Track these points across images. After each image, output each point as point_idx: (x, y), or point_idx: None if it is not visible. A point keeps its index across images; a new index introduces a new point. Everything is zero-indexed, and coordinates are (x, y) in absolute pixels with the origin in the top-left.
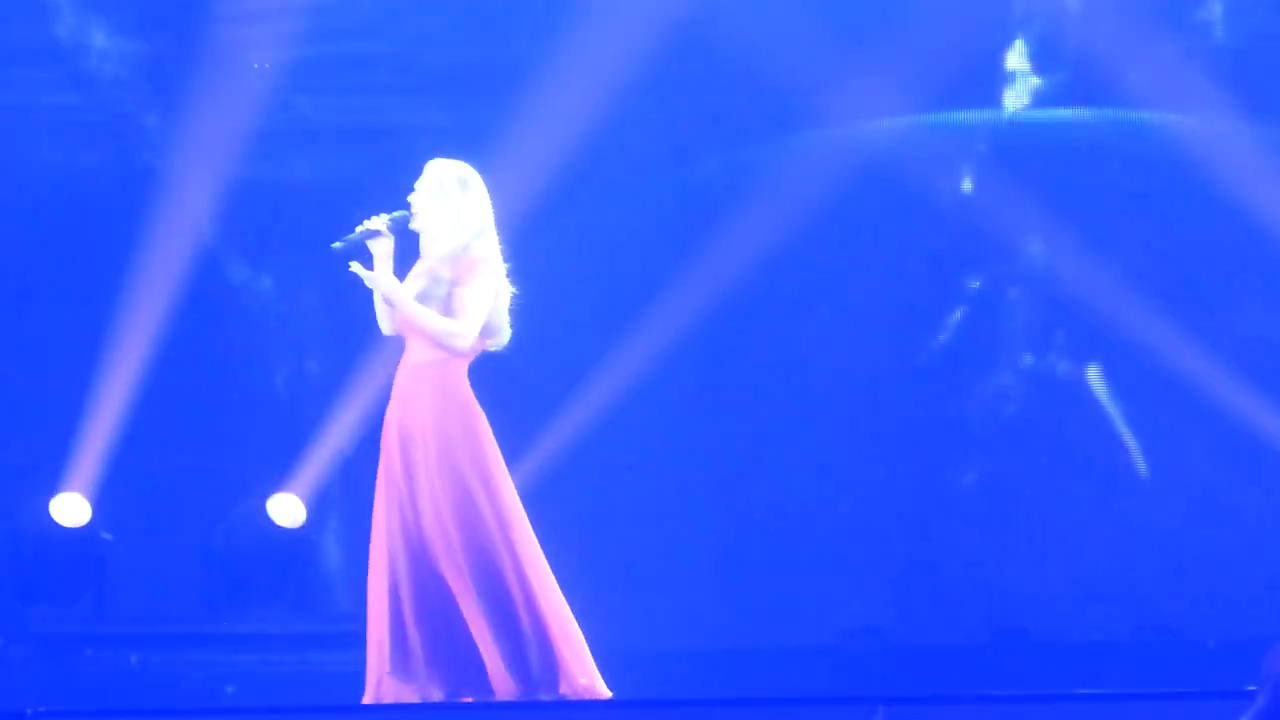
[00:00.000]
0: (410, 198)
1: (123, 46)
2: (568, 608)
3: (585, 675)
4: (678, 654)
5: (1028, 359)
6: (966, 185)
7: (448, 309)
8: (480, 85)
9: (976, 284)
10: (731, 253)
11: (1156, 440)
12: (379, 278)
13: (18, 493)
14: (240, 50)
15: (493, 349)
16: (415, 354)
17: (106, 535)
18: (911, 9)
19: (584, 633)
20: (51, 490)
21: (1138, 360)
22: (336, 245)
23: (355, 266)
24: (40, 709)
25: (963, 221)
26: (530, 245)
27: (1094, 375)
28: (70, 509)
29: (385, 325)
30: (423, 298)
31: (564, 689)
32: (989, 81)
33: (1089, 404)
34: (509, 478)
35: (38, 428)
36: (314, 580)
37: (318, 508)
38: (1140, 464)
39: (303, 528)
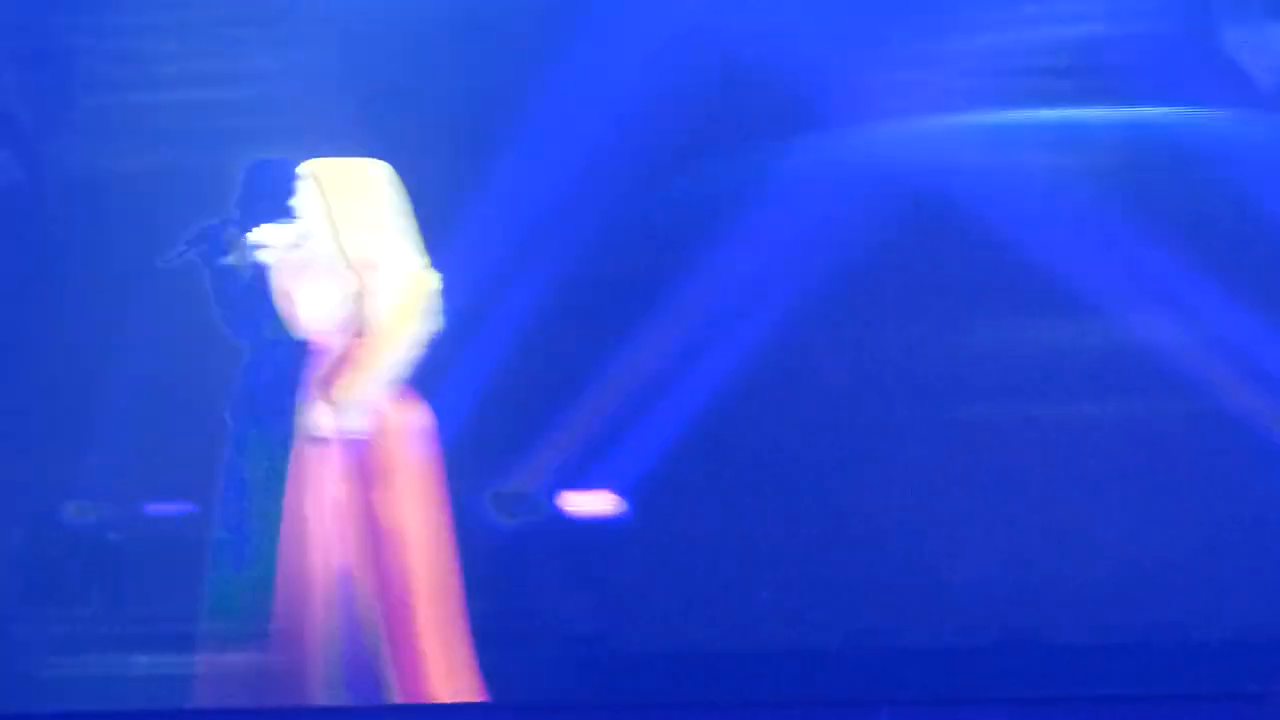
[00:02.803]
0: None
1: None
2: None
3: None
4: (680, 654)
5: (1032, 360)
6: (970, 186)
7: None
8: (480, 86)
9: (981, 285)
10: (734, 254)
11: (1158, 440)
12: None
13: (19, 493)
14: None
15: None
16: None
17: (111, 535)
18: (913, 8)
19: (585, 632)
20: (53, 491)
21: (1139, 359)
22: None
23: None
24: (40, 709)
25: (967, 222)
26: (531, 246)
27: (1097, 375)
28: (73, 509)
29: None
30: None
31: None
32: (991, 80)
33: (1092, 404)
34: None
35: (38, 428)
36: None
37: None
38: (1141, 464)
39: None
